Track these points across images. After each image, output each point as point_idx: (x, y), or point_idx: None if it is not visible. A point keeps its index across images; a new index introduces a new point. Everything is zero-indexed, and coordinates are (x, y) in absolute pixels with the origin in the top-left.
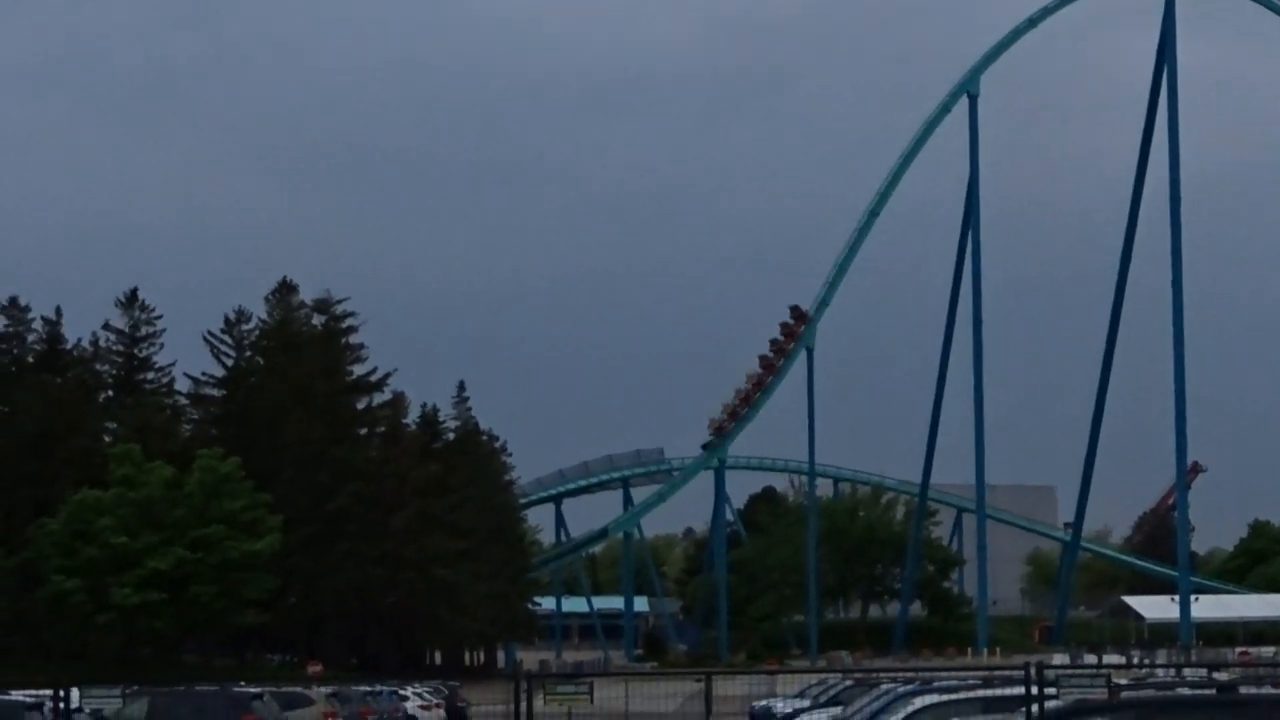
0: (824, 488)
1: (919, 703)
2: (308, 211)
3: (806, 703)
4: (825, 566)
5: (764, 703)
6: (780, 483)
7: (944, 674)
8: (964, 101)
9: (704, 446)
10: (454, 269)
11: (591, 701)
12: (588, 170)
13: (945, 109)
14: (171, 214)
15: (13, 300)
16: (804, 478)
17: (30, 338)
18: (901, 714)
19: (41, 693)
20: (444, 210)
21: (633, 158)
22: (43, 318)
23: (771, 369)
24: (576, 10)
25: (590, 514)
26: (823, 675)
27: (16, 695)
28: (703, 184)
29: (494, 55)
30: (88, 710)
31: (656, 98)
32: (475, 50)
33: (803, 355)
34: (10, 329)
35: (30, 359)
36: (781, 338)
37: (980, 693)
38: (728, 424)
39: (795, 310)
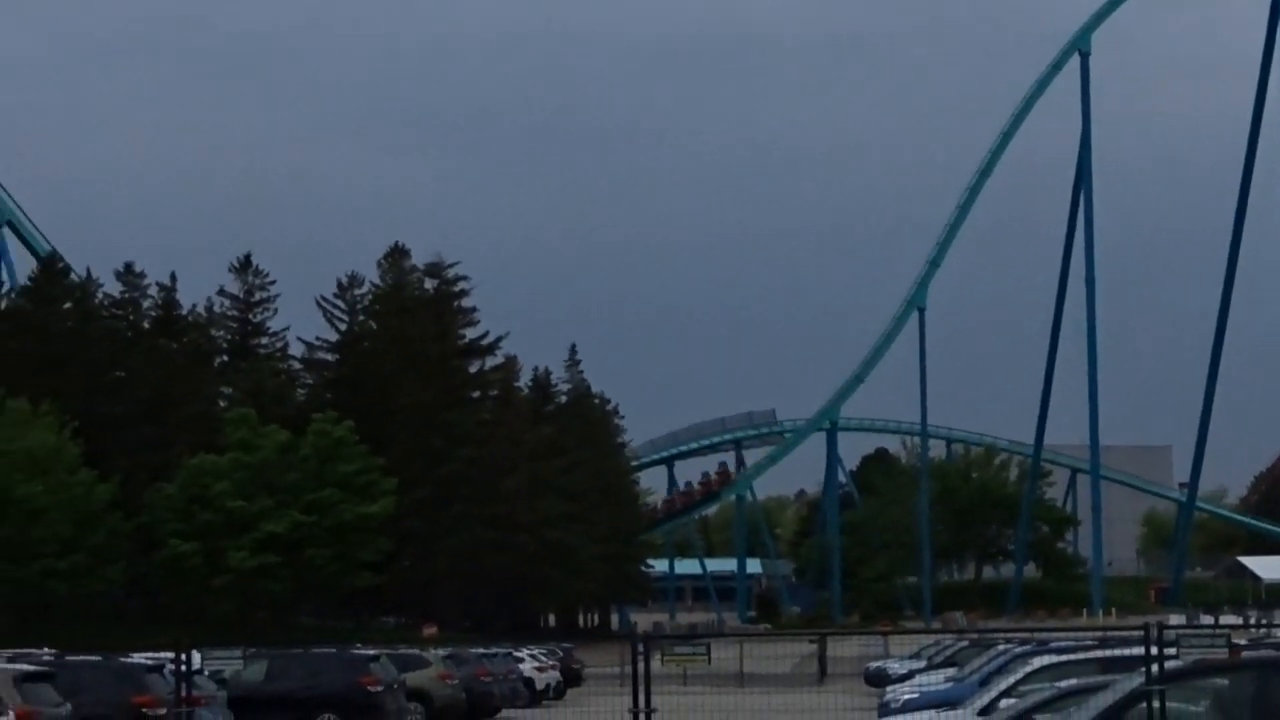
0: (937, 449)
1: (1036, 663)
2: (419, 175)
3: (922, 664)
4: (938, 528)
5: (879, 664)
6: (893, 444)
7: (1060, 635)
8: (1075, 59)
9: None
10: (565, 231)
11: (709, 662)
12: (699, 132)
13: (1056, 67)
14: (284, 179)
15: (128, 266)
16: (916, 439)
17: (146, 304)
18: (1019, 674)
19: (161, 655)
20: (555, 172)
21: (745, 119)
22: (158, 284)
23: (689, 500)
24: None
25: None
26: (937, 636)
27: (137, 657)
28: (816, 147)
29: (610, 12)
30: (208, 672)
31: (768, 61)
32: (590, 7)
33: (914, 315)
34: (126, 295)
35: (146, 325)
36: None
37: (1098, 653)
38: None
39: (722, 468)
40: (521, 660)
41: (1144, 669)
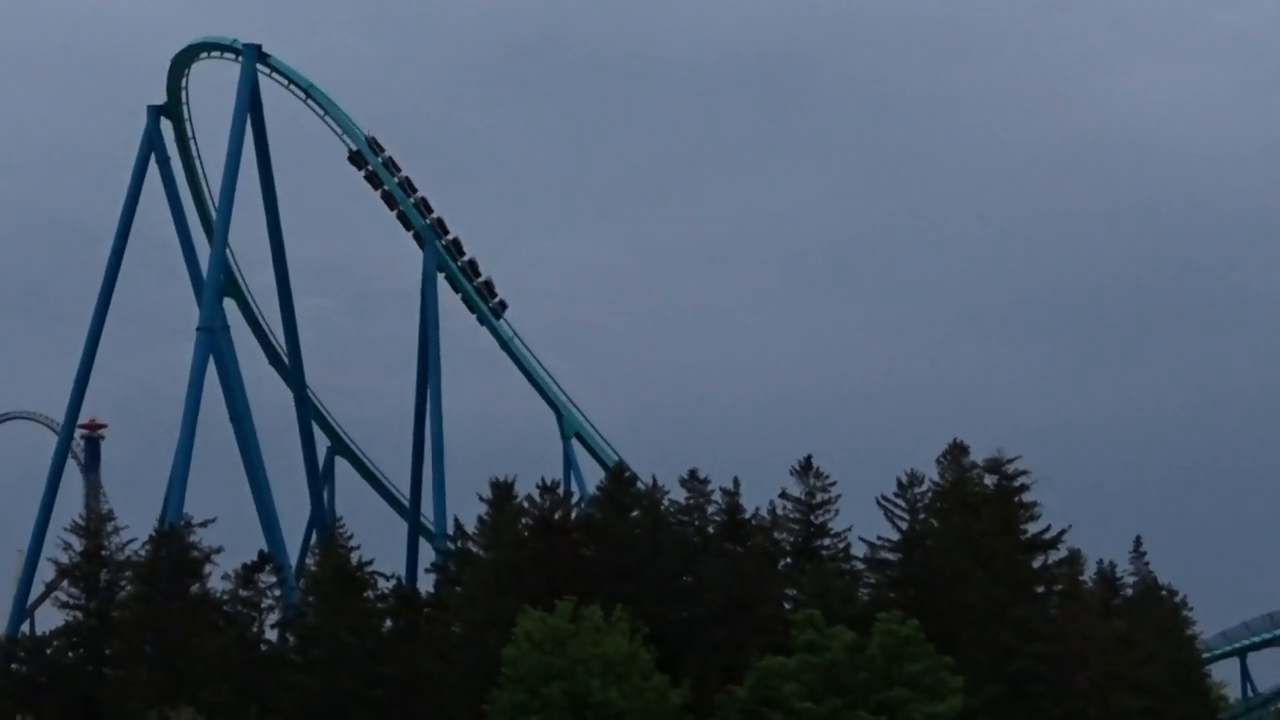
0: None
1: None
2: (977, 367)
3: None
4: None
5: None
6: None
7: None
8: None
9: None
10: (1120, 414)
11: None
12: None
13: None
14: (843, 381)
15: (692, 473)
16: None
17: (710, 509)
18: None
19: None
20: (1116, 352)
21: None
22: (721, 489)
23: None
24: None
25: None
26: None
27: None
28: None
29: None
30: None
31: None
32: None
33: None
34: (691, 501)
35: (711, 530)
36: None
37: None
38: None
39: None
40: None
41: None
